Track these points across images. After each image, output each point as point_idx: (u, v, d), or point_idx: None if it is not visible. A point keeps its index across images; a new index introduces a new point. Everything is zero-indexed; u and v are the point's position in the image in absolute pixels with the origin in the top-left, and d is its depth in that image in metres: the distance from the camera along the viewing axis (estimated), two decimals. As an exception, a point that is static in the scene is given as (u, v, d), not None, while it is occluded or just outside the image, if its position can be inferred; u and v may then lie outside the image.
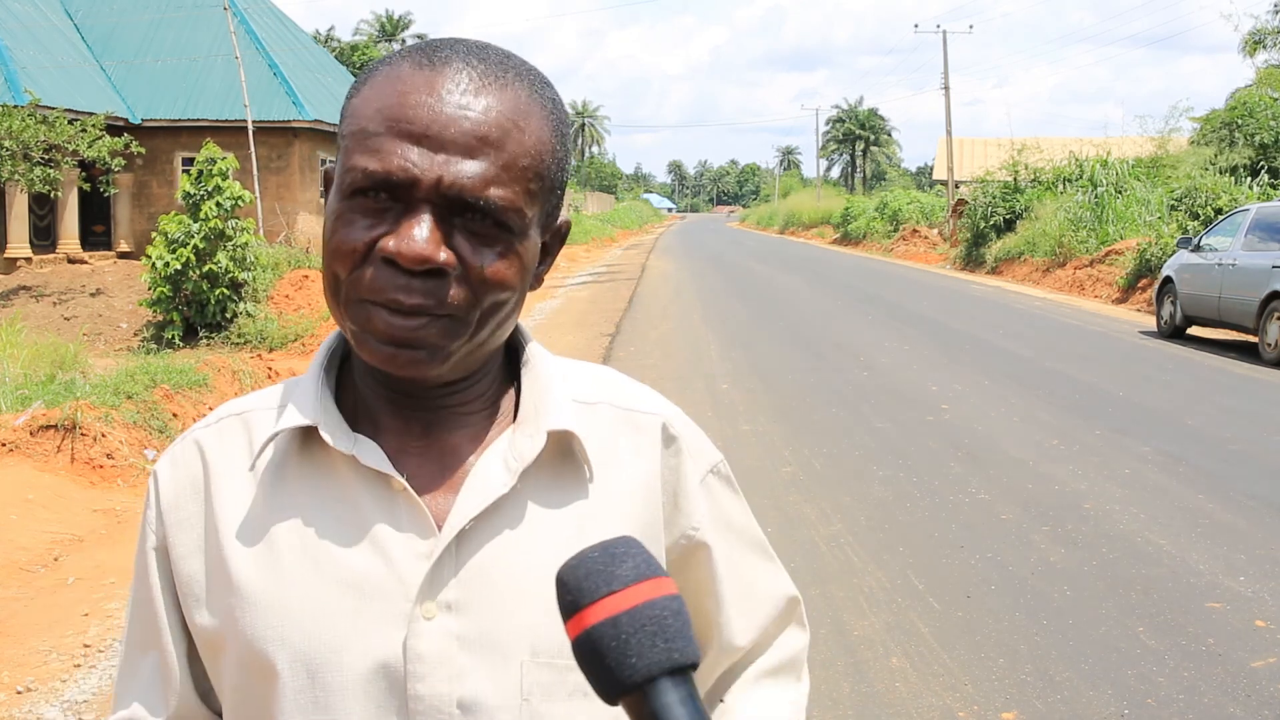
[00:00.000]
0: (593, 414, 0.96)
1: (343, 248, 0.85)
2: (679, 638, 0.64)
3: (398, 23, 66.12)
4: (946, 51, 36.93)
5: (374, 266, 0.84)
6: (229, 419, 0.97)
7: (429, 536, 0.88)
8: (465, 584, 0.88)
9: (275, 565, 0.89)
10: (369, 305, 0.84)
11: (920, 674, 3.90)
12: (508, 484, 0.89)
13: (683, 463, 0.98)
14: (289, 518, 0.90)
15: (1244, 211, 12.78)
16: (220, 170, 14.39)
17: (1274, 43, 30.07)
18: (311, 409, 0.91)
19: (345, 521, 0.89)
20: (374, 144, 0.84)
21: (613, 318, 15.71)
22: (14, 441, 6.46)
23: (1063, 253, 21.40)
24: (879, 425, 8.08)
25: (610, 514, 0.93)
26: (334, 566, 0.88)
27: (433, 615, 0.87)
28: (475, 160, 0.83)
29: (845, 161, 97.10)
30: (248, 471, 0.92)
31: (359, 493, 0.89)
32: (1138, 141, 25.27)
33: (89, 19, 24.56)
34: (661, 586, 0.66)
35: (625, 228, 58.99)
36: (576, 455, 0.93)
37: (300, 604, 0.88)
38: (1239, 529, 5.53)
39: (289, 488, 0.91)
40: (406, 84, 0.85)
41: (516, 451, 0.90)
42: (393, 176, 0.83)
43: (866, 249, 38.24)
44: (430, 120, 0.83)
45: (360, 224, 0.84)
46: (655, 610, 0.65)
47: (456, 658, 0.87)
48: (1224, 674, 3.87)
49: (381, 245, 0.83)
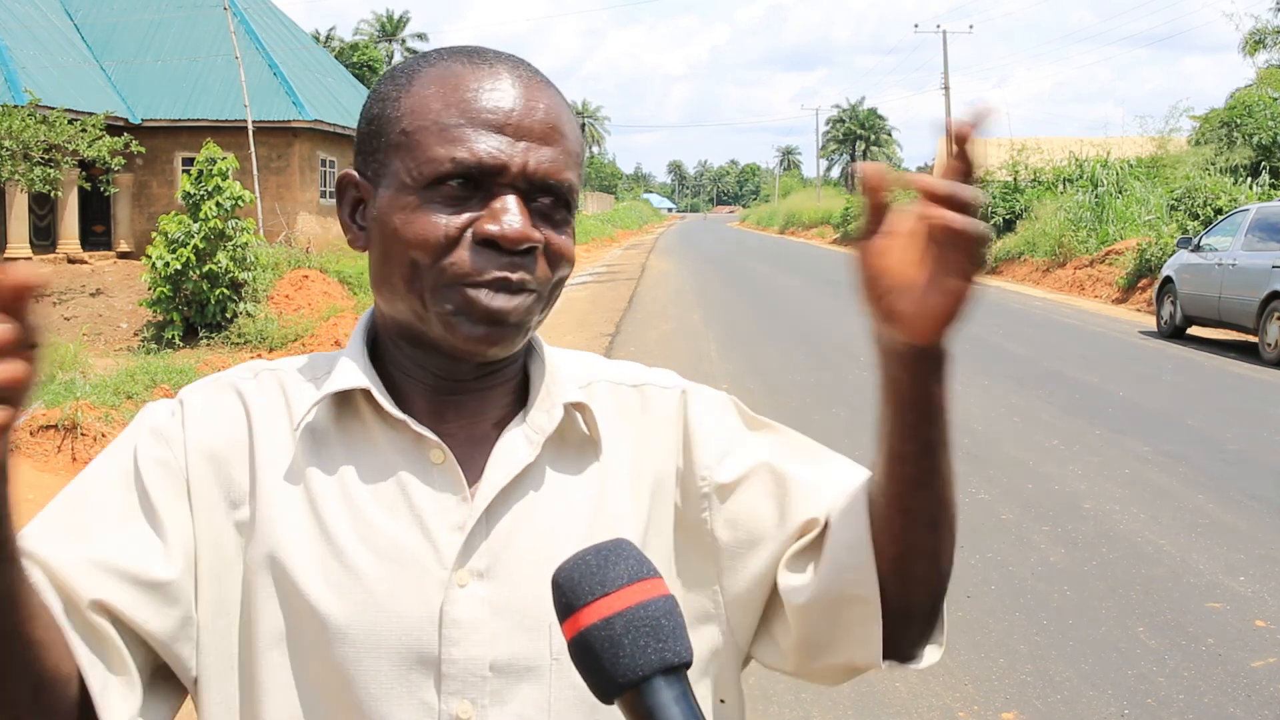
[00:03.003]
0: (591, 391, 1.01)
1: (430, 235, 0.88)
2: (672, 638, 0.65)
3: (398, 23, 66.11)
4: (946, 51, 36.98)
5: (469, 250, 0.88)
6: (266, 373, 0.97)
7: (464, 507, 0.91)
8: (494, 552, 0.91)
9: (312, 530, 0.90)
10: (467, 288, 0.88)
11: (920, 674, 3.90)
12: (531, 454, 0.93)
13: (687, 407, 1.01)
14: (331, 482, 0.91)
15: (1244, 211, 12.78)
16: (220, 170, 14.38)
17: (1274, 42, 30.08)
18: (363, 375, 0.93)
19: (385, 490, 0.91)
20: (455, 134, 0.89)
21: (613, 318, 15.71)
22: (14, 441, 6.44)
23: (1063, 253, 21.39)
24: (879, 425, 8.07)
25: (625, 476, 0.97)
26: (374, 534, 0.90)
27: (465, 582, 0.90)
28: (550, 147, 0.90)
29: (845, 161, 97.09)
30: (290, 430, 0.93)
31: (397, 463, 0.92)
32: (1138, 141, 25.27)
33: (89, 19, 24.57)
34: (654, 588, 0.67)
35: (625, 228, 59.04)
36: (585, 427, 0.98)
37: (335, 570, 0.89)
38: (1239, 529, 5.53)
39: (331, 452, 0.93)
40: (470, 80, 0.91)
41: (535, 425, 0.95)
42: (483, 163, 0.88)
43: (866, 249, 38.19)
44: (509, 111, 0.90)
45: (443, 211, 0.89)
46: (648, 611, 0.66)
47: (489, 622, 0.89)
48: (1224, 674, 3.87)
49: (478, 229, 0.88)
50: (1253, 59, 30.50)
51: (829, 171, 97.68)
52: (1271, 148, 20.62)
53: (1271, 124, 20.78)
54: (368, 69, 49.28)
